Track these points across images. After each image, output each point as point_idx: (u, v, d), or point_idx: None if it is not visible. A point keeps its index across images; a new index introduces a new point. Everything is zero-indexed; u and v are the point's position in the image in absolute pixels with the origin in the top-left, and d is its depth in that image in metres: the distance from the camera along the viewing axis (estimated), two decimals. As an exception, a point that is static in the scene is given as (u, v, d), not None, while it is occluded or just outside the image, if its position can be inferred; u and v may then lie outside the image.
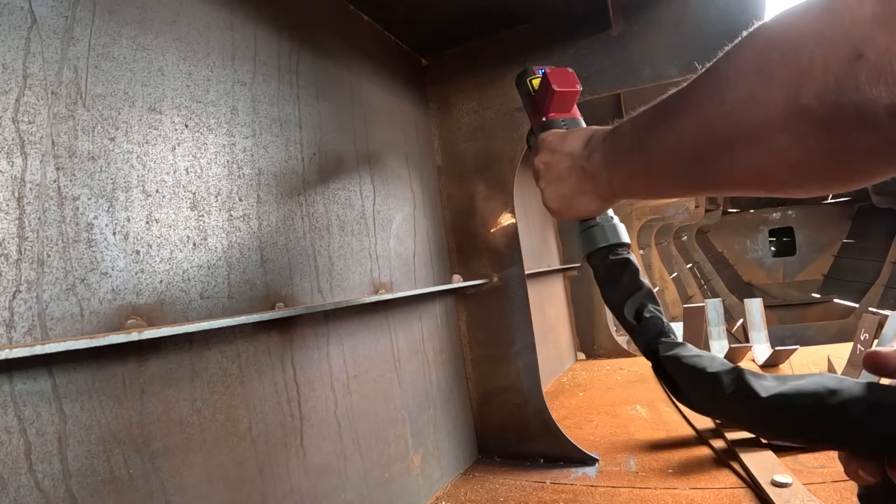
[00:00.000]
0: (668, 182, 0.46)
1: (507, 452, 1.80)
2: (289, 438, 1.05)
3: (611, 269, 0.62)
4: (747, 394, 0.41)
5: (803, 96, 0.30)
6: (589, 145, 0.57)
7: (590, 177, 0.56)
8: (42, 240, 0.68)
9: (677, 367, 0.50)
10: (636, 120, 0.48)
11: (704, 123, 0.38)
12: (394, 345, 1.47)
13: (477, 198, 1.84)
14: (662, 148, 0.44)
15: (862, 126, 0.28)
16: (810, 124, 0.30)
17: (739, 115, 0.35)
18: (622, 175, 0.53)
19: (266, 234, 1.07)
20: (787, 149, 0.32)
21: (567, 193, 0.60)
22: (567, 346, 3.36)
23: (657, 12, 1.56)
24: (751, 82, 0.34)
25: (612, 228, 0.64)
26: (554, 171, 0.61)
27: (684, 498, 1.34)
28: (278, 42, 1.19)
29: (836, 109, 0.29)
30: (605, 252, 0.63)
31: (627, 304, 0.59)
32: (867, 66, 0.27)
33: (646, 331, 0.56)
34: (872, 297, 8.15)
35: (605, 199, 0.58)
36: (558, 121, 0.69)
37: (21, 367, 0.63)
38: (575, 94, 0.69)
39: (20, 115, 0.68)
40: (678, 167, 0.43)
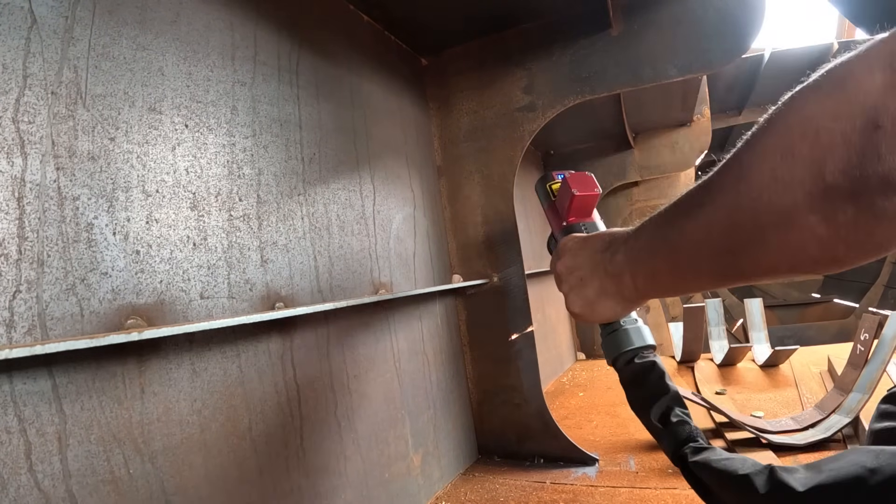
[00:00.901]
0: (696, 276, 0.46)
1: (507, 452, 1.80)
2: (289, 438, 1.05)
3: (637, 372, 0.61)
4: (783, 492, 0.40)
5: (829, 172, 0.30)
6: (611, 248, 0.56)
7: (613, 279, 0.56)
8: (42, 240, 0.68)
9: (708, 472, 0.49)
10: (658, 217, 0.48)
11: (731, 211, 0.38)
12: (394, 345, 1.47)
13: (477, 198, 1.84)
14: (689, 242, 0.43)
15: (888, 193, 0.28)
16: (838, 199, 0.31)
17: (766, 199, 0.35)
18: (647, 274, 0.52)
19: (266, 234, 1.07)
20: (816, 226, 0.32)
21: (591, 297, 0.59)
22: (567, 346, 3.36)
23: (657, 12, 1.56)
24: (775, 165, 0.34)
25: (636, 331, 0.63)
26: (577, 275, 0.61)
27: (684, 498, 1.34)
28: (278, 42, 1.19)
29: (861, 181, 0.29)
30: (631, 356, 0.62)
31: (654, 408, 0.58)
32: (886, 135, 0.27)
33: (673, 435, 0.55)
34: (872, 297, 8.15)
35: (630, 301, 0.57)
36: (578, 225, 0.69)
37: (21, 367, 0.63)
38: (595, 197, 0.69)
39: (20, 115, 0.68)
40: (706, 260, 0.42)
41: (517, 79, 1.77)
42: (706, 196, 0.41)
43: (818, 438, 1.51)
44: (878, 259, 0.35)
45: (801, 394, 2.10)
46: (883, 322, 1.94)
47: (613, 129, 3.22)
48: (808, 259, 0.35)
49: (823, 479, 0.38)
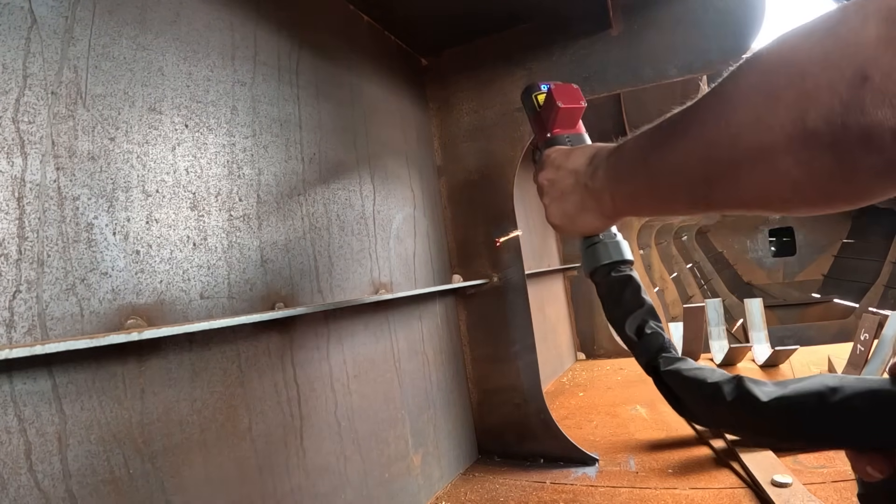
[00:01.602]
0: (672, 201, 0.47)
1: (507, 452, 1.80)
2: (289, 438, 1.05)
3: (613, 285, 0.63)
4: (749, 400, 0.41)
5: (810, 119, 0.30)
6: (593, 163, 0.57)
7: (593, 194, 0.57)
8: (42, 240, 0.68)
9: (678, 381, 0.50)
10: (640, 138, 0.49)
11: (710, 145, 0.39)
12: (394, 345, 1.47)
13: (477, 198, 1.84)
14: (667, 167, 0.44)
15: (867, 148, 0.28)
16: (817, 147, 0.31)
17: (745, 137, 0.35)
18: (626, 193, 0.53)
19: (266, 234, 1.07)
20: (792, 170, 0.33)
21: (570, 211, 0.61)
22: (567, 346, 3.36)
23: (657, 12, 1.56)
24: (757, 106, 0.34)
25: (615, 246, 0.64)
26: (558, 188, 0.62)
27: (684, 498, 1.34)
28: (278, 42, 1.19)
29: (842, 132, 0.29)
30: (608, 269, 0.63)
31: (629, 320, 0.60)
32: (872, 89, 0.27)
33: (647, 347, 0.56)
34: (872, 297, 8.15)
35: (609, 217, 0.58)
36: (563, 137, 0.69)
37: (21, 367, 0.63)
38: (580, 110, 0.69)
39: (20, 115, 0.68)
40: (683, 187, 0.43)
41: (517, 79, 1.77)
42: (688, 125, 0.42)
43: (818, 438, 1.51)
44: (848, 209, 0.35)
45: (801, 394, 2.09)
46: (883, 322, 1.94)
47: (613, 129, 3.22)
48: (778, 199, 0.36)
49: (787, 392, 0.39)
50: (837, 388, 0.37)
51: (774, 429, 0.41)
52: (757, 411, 0.41)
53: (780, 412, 0.39)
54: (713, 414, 0.46)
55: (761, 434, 0.43)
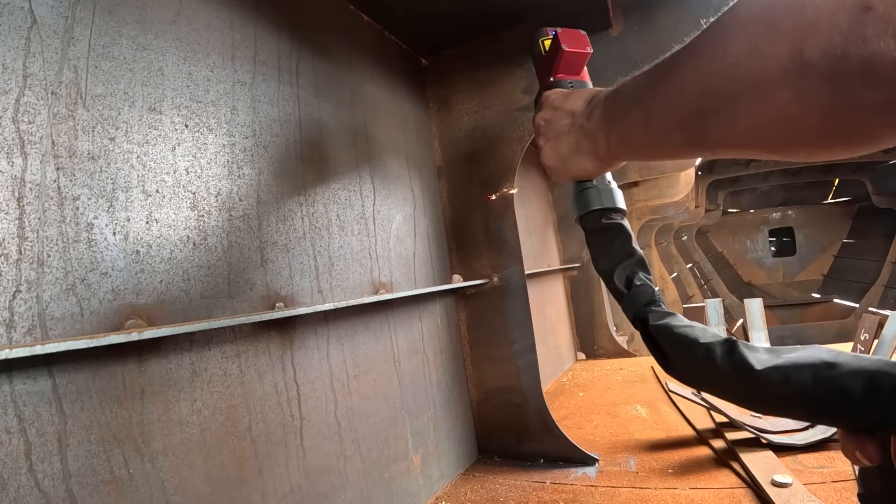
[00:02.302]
0: (665, 139, 0.45)
1: (507, 452, 1.80)
2: (289, 438, 1.05)
3: (603, 233, 0.61)
4: (741, 366, 0.40)
5: (808, 49, 0.29)
6: (590, 104, 0.56)
7: (589, 135, 0.56)
8: (42, 240, 0.68)
9: (668, 337, 0.48)
10: (638, 77, 0.47)
11: (705, 76, 0.38)
12: (394, 345, 1.47)
13: (477, 198, 1.84)
14: (662, 102, 0.43)
15: (868, 81, 0.27)
16: (814, 79, 0.29)
17: (742, 68, 0.34)
18: (620, 133, 0.51)
19: (266, 234, 1.07)
20: (789, 104, 0.31)
21: (565, 152, 0.59)
22: (567, 346, 3.36)
23: (657, 12, 1.56)
24: (754, 35, 0.33)
25: (608, 192, 0.62)
26: (554, 129, 0.60)
27: (684, 498, 1.34)
28: (278, 42, 1.19)
29: (841, 63, 0.28)
30: (599, 215, 0.61)
31: (618, 270, 0.58)
32: (874, 18, 0.26)
33: (635, 298, 0.55)
34: (872, 297, 8.16)
35: (603, 160, 0.57)
36: (565, 82, 0.68)
37: (21, 367, 0.63)
38: (585, 55, 0.68)
39: (20, 115, 0.68)
40: (677, 122, 0.42)
41: (517, 79, 1.77)
42: (685, 58, 0.40)
43: (818, 438, 1.51)
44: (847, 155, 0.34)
45: (801, 394, 2.09)
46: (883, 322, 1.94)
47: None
48: (775, 137, 0.34)
49: (781, 362, 0.38)
50: (833, 363, 0.36)
51: (765, 399, 0.40)
52: (749, 379, 0.39)
53: (772, 383, 0.38)
54: (702, 376, 0.45)
55: (751, 402, 0.42)
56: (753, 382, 0.39)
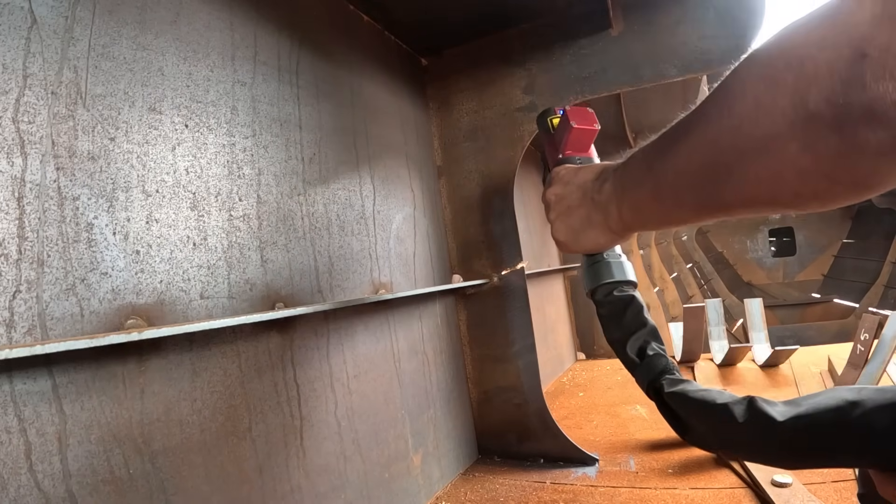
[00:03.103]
0: (678, 206, 0.45)
1: (507, 452, 1.80)
2: (289, 438, 1.05)
3: (615, 305, 0.61)
4: (762, 420, 0.39)
5: (812, 101, 0.30)
6: (601, 177, 0.56)
7: (600, 208, 0.56)
8: (42, 240, 0.68)
9: (684, 402, 0.48)
10: (646, 147, 0.48)
11: (713, 139, 0.38)
12: (394, 345, 1.47)
13: (477, 198, 1.84)
14: (672, 170, 0.43)
15: (872, 124, 0.28)
16: (820, 128, 0.30)
17: (748, 126, 0.35)
18: (632, 203, 0.51)
19: (266, 234, 1.07)
20: (798, 155, 0.32)
21: (576, 226, 0.59)
22: (567, 346, 3.36)
23: (657, 12, 1.56)
24: (758, 93, 0.34)
25: (618, 266, 0.63)
26: (564, 204, 0.61)
27: (684, 498, 1.34)
28: (278, 42, 1.19)
29: (844, 110, 0.29)
30: (610, 288, 0.62)
31: (630, 341, 0.58)
32: (872, 64, 0.27)
33: (649, 368, 0.54)
34: (872, 297, 8.15)
35: (615, 232, 0.57)
36: (574, 158, 0.69)
37: (21, 367, 0.63)
38: (592, 132, 0.69)
39: (20, 115, 0.68)
40: (688, 189, 0.42)
41: (517, 79, 1.77)
42: (691, 124, 0.41)
43: (818, 438, 1.51)
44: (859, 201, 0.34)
45: (800, 393, 2.09)
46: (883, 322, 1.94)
47: (613, 129, 3.22)
48: (788, 191, 0.35)
49: (802, 410, 0.37)
50: (857, 401, 0.35)
51: (791, 451, 0.38)
52: (772, 432, 0.38)
53: (797, 431, 0.37)
54: (723, 436, 0.43)
55: (777, 457, 0.40)
56: (777, 435, 0.38)
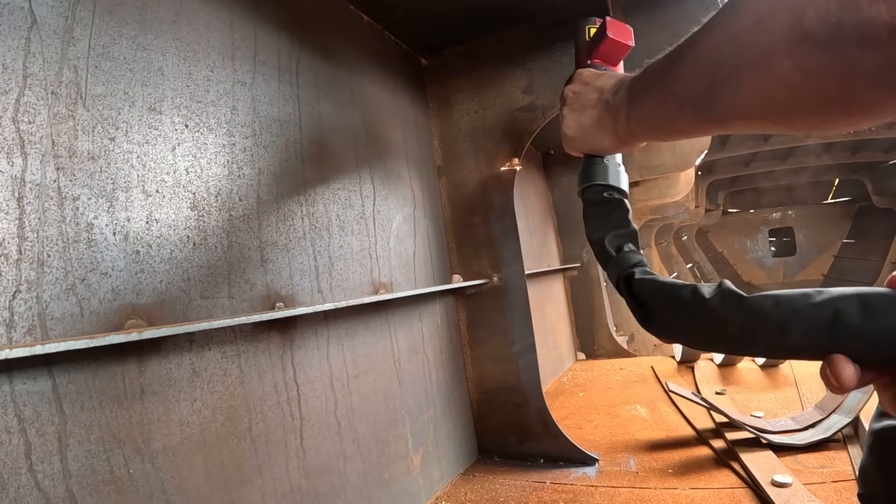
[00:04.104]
0: (678, 116, 0.47)
1: (507, 452, 1.80)
2: (289, 438, 1.05)
3: (603, 205, 0.62)
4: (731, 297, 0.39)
5: (807, 19, 0.31)
6: (618, 83, 0.58)
7: (611, 112, 0.58)
8: (42, 240, 0.68)
9: (652, 289, 0.47)
10: (661, 58, 0.49)
11: (714, 50, 0.40)
12: (394, 345, 1.47)
13: (477, 198, 1.84)
14: (676, 79, 0.45)
15: (863, 45, 0.29)
16: (813, 46, 0.31)
17: (747, 39, 0.36)
18: (639, 112, 0.53)
19: (266, 234, 1.07)
20: (789, 73, 0.33)
21: (587, 124, 0.61)
22: (567, 346, 3.36)
23: (657, 12, 1.56)
24: (759, 9, 0.35)
25: (615, 172, 0.63)
26: (580, 101, 0.62)
27: (684, 498, 1.34)
28: (278, 42, 1.19)
29: (837, 30, 0.29)
30: (601, 189, 0.63)
31: (610, 236, 0.59)
32: None
33: (623, 260, 0.55)
34: (872, 297, 8.13)
35: (621, 138, 0.58)
36: (601, 67, 0.69)
37: (21, 367, 0.63)
38: (626, 48, 0.69)
39: (20, 115, 0.68)
40: (689, 98, 0.44)
41: (517, 79, 1.77)
42: (697, 37, 0.43)
43: (818, 438, 1.51)
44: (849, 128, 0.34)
45: (801, 394, 2.10)
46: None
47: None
48: (778, 107, 0.36)
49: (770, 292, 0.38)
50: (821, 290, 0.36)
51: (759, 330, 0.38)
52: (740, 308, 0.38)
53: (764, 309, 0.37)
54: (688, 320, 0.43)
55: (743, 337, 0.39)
56: (743, 310, 0.38)
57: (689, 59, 0.43)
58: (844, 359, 0.34)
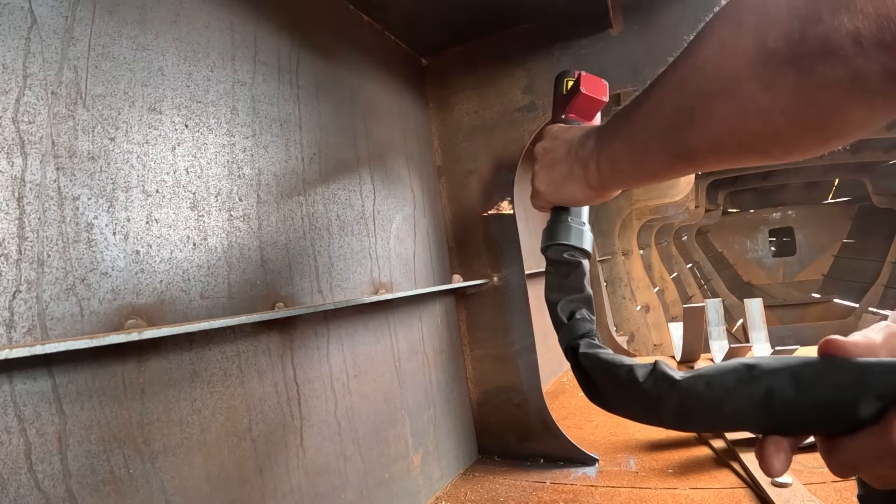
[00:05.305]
0: (649, 154, 0.46)
1: (507, 452, 1.80)
2: (289, 438, 1.05)
3: (562, 266, 0.63)
4: (663, 379, 0.40)
5: (771, 38, 0.31)
6: (587, 134, 0.58)
7: (581, 162, 0.58)
8: (42, 240, 0.68)
9: (594, 364, 0.50)
10: (628, 103, 0.49)
11: (680, 81, 0.39)
12: (394, 345, 1.47)
13: (477, 198, 1.84)
14: (644, 116, 0.44)
15: (828, 57, 0.28)
16: (778, 65, 0.31)
17: (712, 68, 0.35)
18: (608, 157, 0.53)
19: (266, 234, 1.07)
20: (757, 94, 0.32)
21: (557, 178, 0.61)
22: (567, 346, 3.36)
23: (657, 13, 1.56)
24: (723, 35, 0.35)
25: (578, 232, 0.64)
26: (550, 157, 0.63)
27: (684, 498, 1.34)
28: (278, 42, 1.19)
29: (801, 45, 0.29)
30: (563, 249, 0.64)
31: (563, 302, 0.60)
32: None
33: (572, 329, 0.57)
34: (872, 297, 8.15)
35: (592, 188, 0.58)
36: (574, 122, 0.69)
37: (21, 367, 0.63)
38: (600, 103, 0.70)
39: (20, 115, 0.68)
40: (658, 137, 0.43)
41: (517, 79, 1.77)
42: (664, 73, 0.42)
43: (818, 438, 1.51)
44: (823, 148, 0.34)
45: (801, 394, 2.09)
46: (883, 322, 1.94)
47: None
48: (749, 133, 0.35)
49: (702, 373, 0.38)
50: (753, 365, 0.35)
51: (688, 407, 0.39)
52: (672, 391, 0.39)
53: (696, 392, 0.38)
54: (626, 396, 0.45)
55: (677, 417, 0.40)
56: (676, 393, 0.39)
57: (654, 95, 0.43)
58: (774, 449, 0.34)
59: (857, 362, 0.32)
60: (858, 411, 0.31)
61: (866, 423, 0.31)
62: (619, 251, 4.23)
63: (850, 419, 0.32)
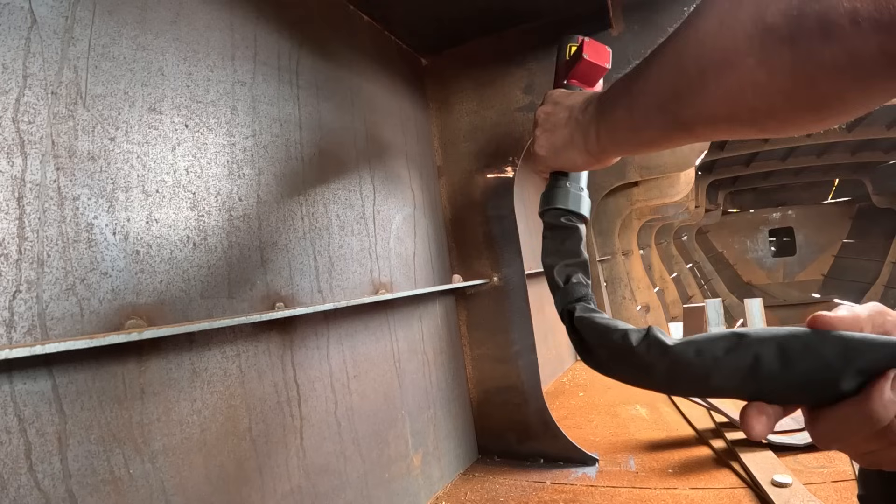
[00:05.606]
0: (647, 124, 0.46)
1: (507, 452, 1.80)
2: (289, 438, 1.05)
3: (559, 230, 0.63)
4: (655, 344, 0.41)
5: (769, 14, 0.30)
6: (588, 101, 0.59)
7: (581, 128, 0.58)
8: (42, 240, 0.68)
9: (588, 326, 0.50)
10: (629, 72, 0.49)
11: (679, 54, 0.39)
12: (394, 345, 1.47)
13: (477, 198, 1.84)
14: (642, 88, 0.45)
15: (825, 36, 0.28)
16: (775, 41, 0.31)
17: (710, 41, 0.35)
18: (608, 125, 0.53)
19: (266, 234, 1.07)
20: (754, 70, 0.32)
21: (558, 143, 0.62)
22: (567, 346, 3.36)
23: (657, 13, 1.56)
24: (722, 10, 0.34)
25: (576, 197, 0.64)
26: (551, 121, 0.63)
27: (684, 498, 1.34)
28: (278, 42, 1.19)
29: (799, 22, 0.29)
30: (560, 214, 0.64)
31: (560, 266, 0.60)
32: None
33: (569, 293, 0.57)
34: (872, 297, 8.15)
35: (592, 154, 0.59)
36: (576, 88, 0.69)
37: (21, 367, 0.63)
38: (602, 70, 0.70)
39: (20, 115, 0.68)
40: (655, 107, 0.43)
41: (517, 79, 1.77)
42: (663, 45, 0.42)
43: (818, 438, 1.51)
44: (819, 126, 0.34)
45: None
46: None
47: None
48: (745, 107, 0.35)
49: (693, 339, 0.39)
50: (743, 334, 0.36)
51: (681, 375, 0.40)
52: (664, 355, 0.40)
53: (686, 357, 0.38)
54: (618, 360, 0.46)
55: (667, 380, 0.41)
56: (667, 358, 0.40)
57: (654, 66, 0.43)
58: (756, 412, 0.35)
59: (842, 337, 0.33)
60: (841, 385, 0.32)
61: (848, 396, 0.32)
62: (619, 251, 4.23)
63: (833, 392, 0.33)
